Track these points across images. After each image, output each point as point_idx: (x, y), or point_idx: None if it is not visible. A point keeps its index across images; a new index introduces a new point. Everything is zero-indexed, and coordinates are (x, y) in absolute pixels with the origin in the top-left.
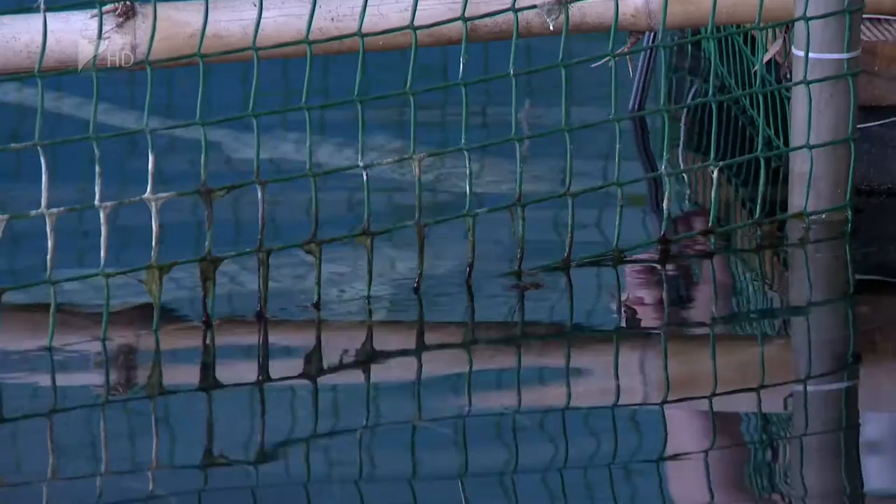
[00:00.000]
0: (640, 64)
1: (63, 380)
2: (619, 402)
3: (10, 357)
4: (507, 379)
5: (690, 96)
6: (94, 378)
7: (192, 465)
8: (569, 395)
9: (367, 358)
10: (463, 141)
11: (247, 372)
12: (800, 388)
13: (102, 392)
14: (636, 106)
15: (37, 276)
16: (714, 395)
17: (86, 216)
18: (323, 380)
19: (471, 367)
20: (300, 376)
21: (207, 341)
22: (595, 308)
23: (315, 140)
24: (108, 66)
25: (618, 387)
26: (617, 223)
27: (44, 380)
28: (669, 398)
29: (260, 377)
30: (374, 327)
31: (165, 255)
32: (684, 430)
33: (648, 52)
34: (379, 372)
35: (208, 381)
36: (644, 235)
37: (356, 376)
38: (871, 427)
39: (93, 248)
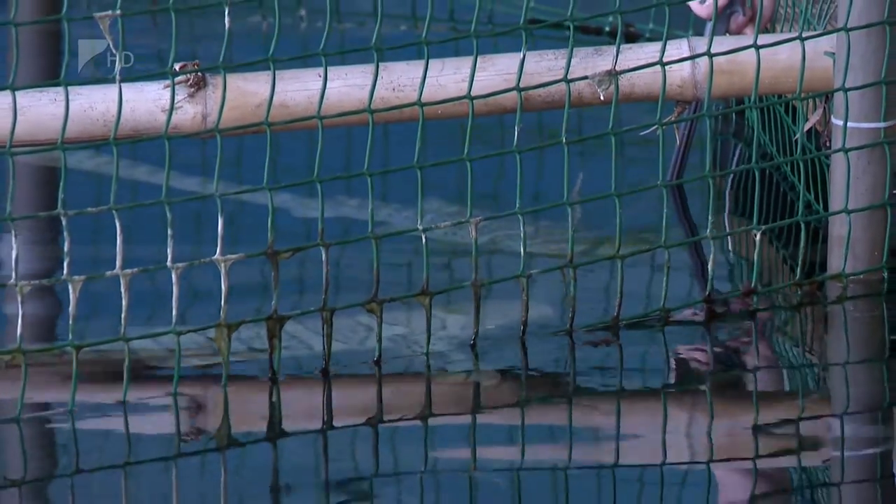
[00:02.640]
0: (681, 132)
1: (136, 433)
2: (667, 460)
3: (86, 410)
4: (559, 434)
5: (735, 161)
6: (166, 431)
7: None
8: (618, 452)
9: (425, 412)
10: (517, 205)
11: (312, 426)
12: (838, 444)
13: (174, 445)
14: (675, 173)
15: (112, 334)
16: (756, 453)
17: (158, 276)
18: (384, 432)
19: (523, 422)
20: (362, 429)
21: (273, 397)
22: (645, 366)
23: (376, 204)
24: (180, 134)
25: (664, 444)
26: (664, 284)
27: (118, 432)
28: (715, 456)
29: (324, 430)
30: (432, 382)
31: (234, 314)
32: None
33: (689, 121)
34: (436, 425)
35: (274, 435)
36: (689, 295)
37: (415, 429)
38: None
39: (165, 307)
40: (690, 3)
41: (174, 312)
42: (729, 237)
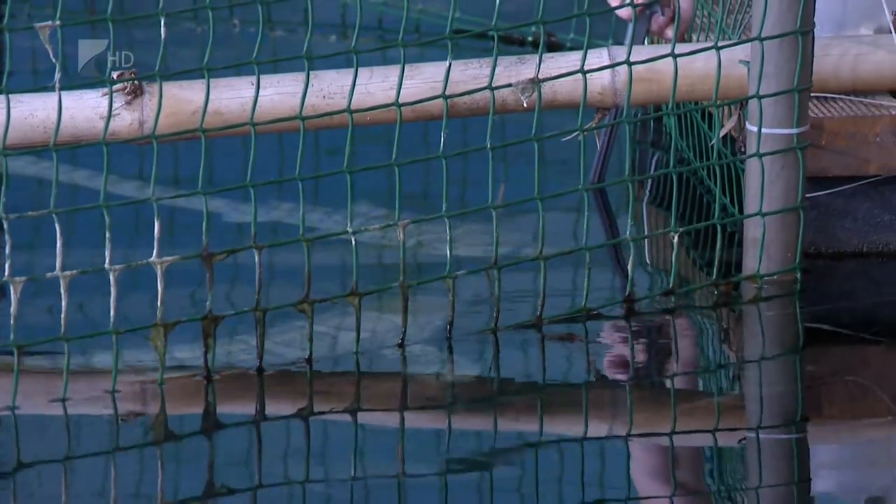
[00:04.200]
0: (602, 138)
1: (76, 428)
2: (588, 435)
3: (28, 407)
4: (484, 424)
5: (653, 167)
6: (104, 427)
7: None
8: (540, 435)
9: (354, 406)
10: (443, 208)
11: (244, 420)
12: (752, 435)
13: (112, 440)
14: (596, 176)
15: (52, 333)
16: (672, 434)
17: (97, 277)
18: (314, 427)
19: (449, 414)
20: (293, 425)
21: (208, 393)
22: (570, 361)
23: (307, 208)
24: (118, 140)
25: (586, 427)
26: (585, 284)
27: (59, 428)
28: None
29: (256, 425)
30: (361, 379)
31: (170, 314)
32: (645, 468)
33: (610, 127)
34: (364, 419)
35: (209, 429)
36: (611, 293)
37: (345, 424)
38: (818, 470)
39: (103, 307)
40: (611, 2)
41: (112, 312)
42: (647, 239)
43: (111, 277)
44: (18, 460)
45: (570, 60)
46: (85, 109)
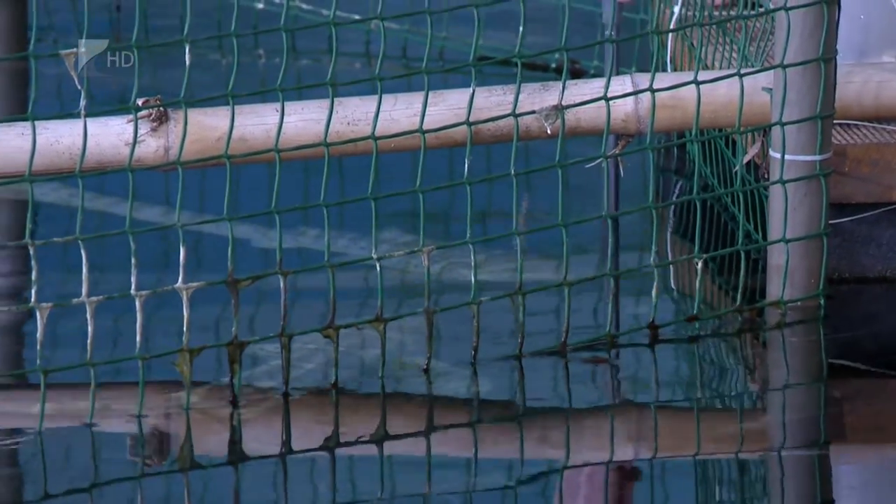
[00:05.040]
0: (610, 168)
1: (103, 453)
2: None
3: (54, 432)
4: (509, 452)
5: (676, 194)
6: (131, 451)
7: None
8: (566, 462)
9: (382, 432)
10: (468, 234)
11: (270, 445)
12: (775, 461)
13: (139, 464)
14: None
15: (78, 358)
16: (696, 459)
17: (123, 303)
18: (340, 453)
19: (476, 441)
20: (319, 450)
21: (234, 418)
22: (596, 386)
23: (332, 234)
24: (144, 166)
25: (611, 454)
26: (609, 311)
27: (85, 453)
28: (657, 465)
29: (283, 451)
30: (386, 403)
31: (196, 340)
32: None
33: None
34: (391, 446)
35: (235, 454)
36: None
37: (370, 449)
38: (841, 499)
39: (129, 333)
40: None
41: (138, 338)
42: (671, 265)
43: (137, 303)
44: (45, 489)
45: (593, 87)
46: (110, 136)
